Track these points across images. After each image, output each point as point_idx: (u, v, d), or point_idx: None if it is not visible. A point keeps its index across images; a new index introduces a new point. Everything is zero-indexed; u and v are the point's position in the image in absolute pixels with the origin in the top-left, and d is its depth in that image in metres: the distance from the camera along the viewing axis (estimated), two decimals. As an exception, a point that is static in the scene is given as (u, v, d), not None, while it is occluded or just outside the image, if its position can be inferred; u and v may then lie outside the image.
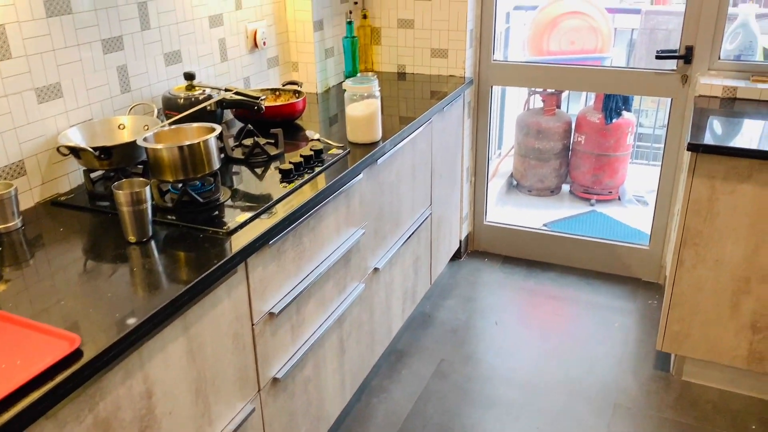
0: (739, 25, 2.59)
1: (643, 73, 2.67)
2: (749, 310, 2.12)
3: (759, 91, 2.37)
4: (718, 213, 2.05)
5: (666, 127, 2.71)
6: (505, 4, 4.09)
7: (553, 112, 3.82)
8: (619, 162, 3.75)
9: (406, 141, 2.22)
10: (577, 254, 3.05)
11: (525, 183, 3.96)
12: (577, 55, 3.76)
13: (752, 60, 2.61)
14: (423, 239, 2.55)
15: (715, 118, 2.26)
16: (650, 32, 3.77)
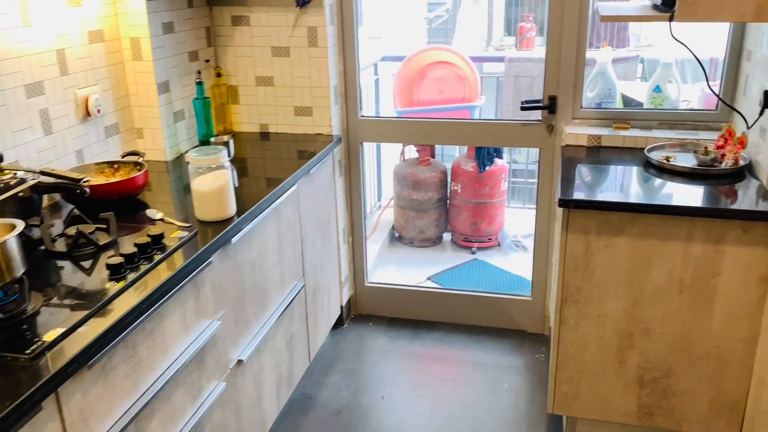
0: (598, 73, 2.63)
1: (511, 125, 2.64)
2: (634, 364, 2.06)
3: (622, 138, 2.38)
4: (596, 268, 1.99)
5: (537, 178, 2.68)
6: (370, 56, 4.03)
7: (429, 162, 3.76)
8: (495, 209, 3.73)
9: (267, 212, 2.01)
10: (462, 310, 2.94)
11: (406, 235, 3.85)
12: (446, 105, 3.74)
13: (612, 107, 2.65)
14: (297, 315, 2.33)
15: (583, 168, 2.24)
16: (515, 79, 3.83)
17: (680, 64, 2.59)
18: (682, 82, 2.68)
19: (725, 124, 2.37)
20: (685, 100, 2.63)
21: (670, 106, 2.54)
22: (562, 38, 2.42)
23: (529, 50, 10.60)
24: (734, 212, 1.84)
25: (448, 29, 8.49)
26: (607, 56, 2.60)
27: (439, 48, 3.97)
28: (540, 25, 11.15)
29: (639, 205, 1.90)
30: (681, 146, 2.29)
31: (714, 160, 2.12)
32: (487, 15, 10.35)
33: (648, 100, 2.57)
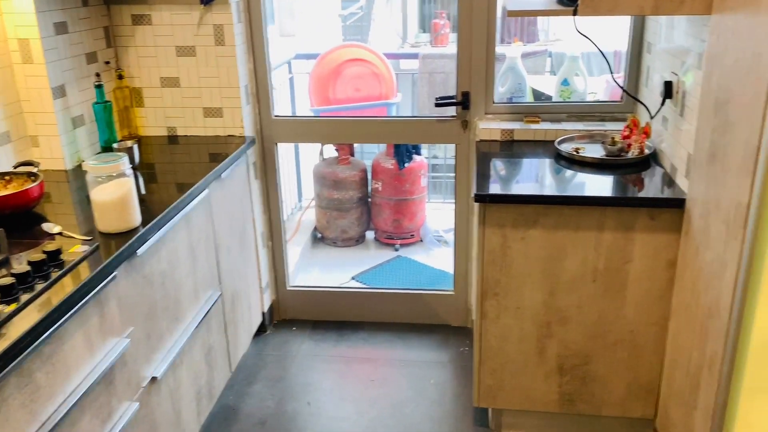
0: (508, 68, 2.66)
1: (427, 122, 2.64)
2: (554, 353, 2.10)
3: (533, 132, 2.42)
4: (513, 261, 2.01)
5: (454, 173, 2.69)
6: (283, 54, 3.95)
7: (348, 161, 3.72)
8: (416, 205, 3.74)
9: (177, 219, 1.91)
10: (387, 308, 2.92)
11: (329, 235, 3.80)
12: (363, 103, 3.71)
13: (523, 101, 2.70)
14: (215, 325, 2.24)
15: (497, 162, 2.26)
16: (430, 76, 3.85)
17: (586, 58, 2.67)
18: (589, 75, 2.76)
19: (630, 115, 2.45)
20: (592, 92, 2.71)
21: (577, 98, 2.61)
22: (472, 35, 2.44)
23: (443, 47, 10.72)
24: (641, 200, 1.90)
25: (363, 27, 8.48)
26: (516, 51, 2.64)
27: (353, 45, 3.94)
28: (454, 22, 11.30)
29: (552, 197, 1.93)
30: (590, 137, 2.35)
31: (621, 150, 2.18)
32: (401, 12, 10.41)
33: (557, 93, 2.63)
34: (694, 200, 1.79)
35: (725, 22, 1.57)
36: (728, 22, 1.55)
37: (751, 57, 1.42)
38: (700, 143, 1.75)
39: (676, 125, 1.99)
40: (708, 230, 1.67)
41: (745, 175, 1.44)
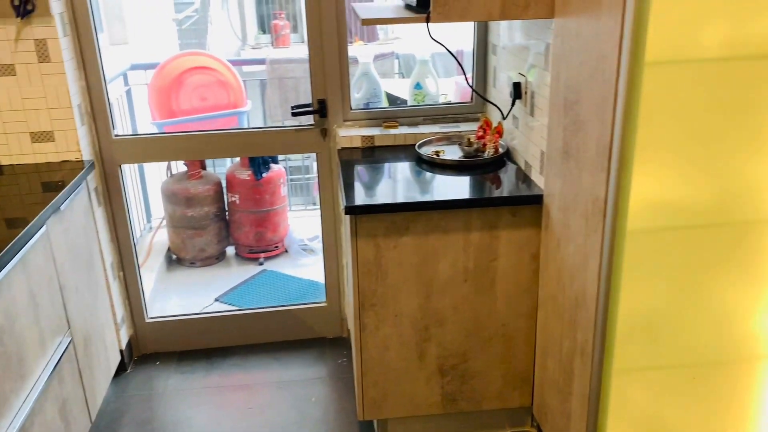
0: (362, 74, 2.65)
1: (285, 132, 2.55)
2: (434, 355, 2.11)
3: (393, 137, 2.42)
4: (388, 269, 1.99)
5: (318, 182, 2.62)
6: (117, 65, 3.65)
7: (200, 175, 3.52)
8: (278, 215, 3.62)
9: (11, 265, 1.67)
10: (257, 328, 2.80)
11: (186, 256, 3.58)
12: (212, 113, 3.53)
13: (380, 107, 2.69)
14: (68, 375, 2.00)
15: (362, 171, 2.23)
16: (279, 81, 3.74)
17: (433, 59, 2.72)
18: (439, 76, 2.81)
19: (481, 115, 2.53)
20: (443, 93, 2.76)
21: (430, 101, 2.66)
22: (323, 42, 2.38)
23: (286, 48, 10.57)
24: (503, 199, 1.96)
25: (200, 30, 8.13)
26: (369, 56, 2.63)
27: (195, 53, 3.73)
28: (294, 22, 11.23)
29: (421, 204, 1.93)
30: (447, 139, 2.39)
31: (478, 150, 2.24)
32: (239, 13, 10.13)
33: (410, 97, 2.66)
34: (551, 196, 1.87)
35: (568, 26, 1.65)
36: (571, 26, 1.63)
37: (597, 59, 1.49)
38: (553, 141, 1.83)
39: (527, 124, 2.07)
40: (568, 224, 1.76)
41: (600, 171, 1.52)
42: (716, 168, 1.47)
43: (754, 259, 1.54)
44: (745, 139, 1.45)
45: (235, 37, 9.80)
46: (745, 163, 1.47)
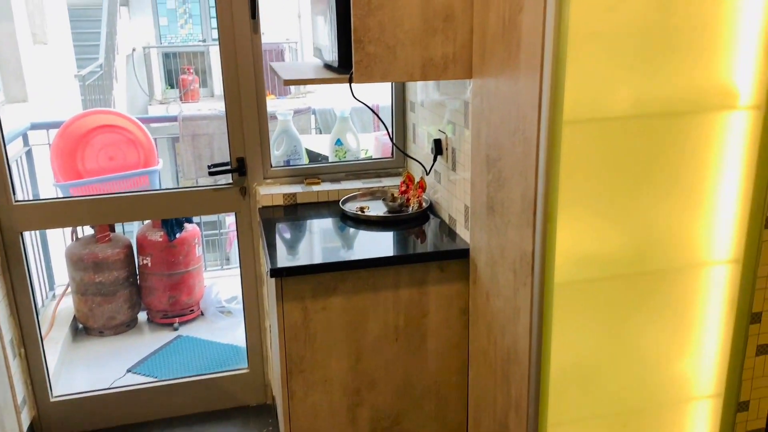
0: (282, 131, 2.62)
1: (201, 192, 2.46)
2: (366, 419, 2.05)
3: (316, 194, 2.39)
4: (316, 333, 1.92)
5: (237, 242, 2.53)
6: (15, 124, 3.45)
7: (108, 238, 3.33)
8: (193, 277, 3.48)
9: None
10: (176, 400, 2.63)
11: (94, 325, 3.35)
12: (121, 174, 3.37)
13: (301, 164, 2.66)
14: (-41, 470, 1.79)
15: (285, 230, 2.17)
16: (193, 138, 3.65)
17: (351, 114, 2.73)
18: (358, 131, 2.83)
19: (403, 169, 2.55)
20: (364, 149, 2.77)
21: (352, 156, 2.66)
22: (241, 99, 2.34)
23: (195, 102, 10.38)
24: (430, 255, 1.96)
25: (105, 85, 7.89)
26: (288, 113, 2.61)
27: (102, 111, 3.58)
28: (203, 77, 11.11)
29: (348, 263, 1.89)
30: (371, 195, 2.38)
31: (402, 206, 2.24)
32: (145, 68, 9.92)
33: (332, 153, 2.65)
34: (477, 249, 1.89)
35: (487, 86, 1.70)
36: (490, 86, 1.68)
37: (517, 118, 1.53)
38: (477, 196, 1.85)
39: (450, 179, 2.10)
40: (496, 278, 1.77)
41: (526, 226, 1.54)
42: (633, 219, 1.54)
43: (673, 305, 1.60)
44: (657, 191, 1.53)
45: (141, 93, 9.58)
46: (658, 214, 1.54)
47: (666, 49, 1.44)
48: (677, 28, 1.43)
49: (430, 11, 1.71)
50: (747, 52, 1.48)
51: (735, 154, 1.55)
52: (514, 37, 1.51)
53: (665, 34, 1.43)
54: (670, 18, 1.42)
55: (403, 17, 1.70)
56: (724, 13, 1.44)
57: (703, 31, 1.44)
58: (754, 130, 1.54)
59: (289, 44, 10.26)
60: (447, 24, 1.73)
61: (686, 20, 1.43)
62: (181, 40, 11.36)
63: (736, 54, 1.48)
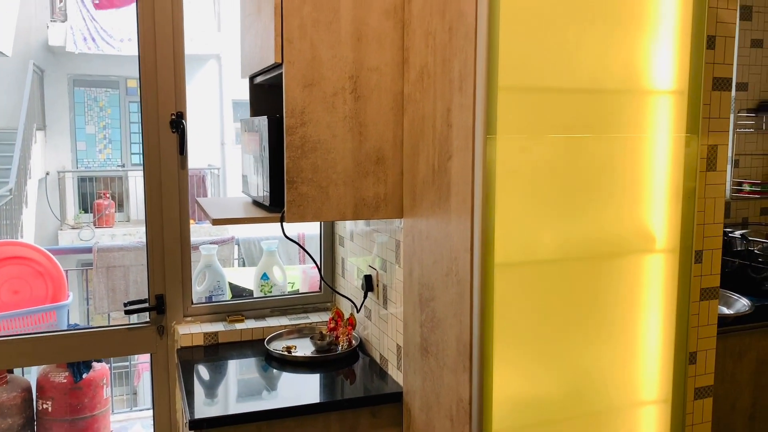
0: (204, 266, 2.53)
1: (114, 332, 2.30)
2: None
3: (239, 332, 2.28)
4: (238, 490, 1.75)
5: (151, 388, 2.35)
6: None
7: (5, 380, 3.02)
8: (99, 421, 3.17)
9: None
10: None
11: (-23, 481, 2.95)
12: (26, 308, 3.13)
13: (224, 300, 2.56)
14: None
15: (205, 374, 2.04)
16: (107, 270, 3.48)
17: (276, 245, 2.69)
18: (284, 263, 2.78)
19: (332, 304, 2.49)
20: (291, 282, 2.71)
21: (278, 291, 2.58)
22: (164, 234, 2.26)
23: (109, 227, 10.06)
24: (361, 400, 1.87)
25: (14, 210, 7.55)
26: (213, 248, 2.54)
27: (8, 243, 3.38)
28: (119, 201, 10.86)
29: (273, 412, 1.77)
30: (298, 332, 2.30)
31: (331, 344, 2.17)
32: (58, 192, 9.63)
33: (257, 288, 2.57)
34: (411, 393, 1.82)
35: (418, 227, 1.71)
36: (421, 227, 1.69)
37: (450, 259, 1.54)
38: (410, 337, 1.81)
39: (381, 316, 2.06)
40: (432, 425, 1.69)
41: (462, 371, 1.51)
42: (567, 361, 1.53)
43: (612, 449, 1.57)
44: (588, 332, 1.54)
45: (52, 217, 9.22)
46: (591, 355, 1.55)
47: (583, 191, 1.51)
48: (589, 171, 1.51)
49: (362, 154, 1.75)
50: (658, 197, 1.58)
51: (656, 294, 1.60)
52: (444, 182, 1.55)
53: (580, 176, 1.50)
54: (580, 161, 1.50)
55: (336, 160, 1.73)
56: (631, 157, 1.54)
57: (613, 175, 1.53)
58: (671, 271, 1.61)
59: (211, 170, 10.30)
60: (378, 167, 1.77)
61: (594, 163, 1.52)
62: (99, 164, 11.21)
63: (649, 198, 1.57)
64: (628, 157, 1.54)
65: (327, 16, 1.69)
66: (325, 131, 1.71)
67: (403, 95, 1.77)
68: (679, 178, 1.58)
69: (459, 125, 1.47)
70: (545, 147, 1.46)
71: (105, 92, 11.31)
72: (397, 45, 1.74)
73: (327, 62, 1.70)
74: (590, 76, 1.49)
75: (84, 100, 11.15)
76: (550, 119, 1.47)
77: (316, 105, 1.70)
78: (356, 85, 1.73)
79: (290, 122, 1.69)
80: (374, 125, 1.75)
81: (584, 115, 1.50)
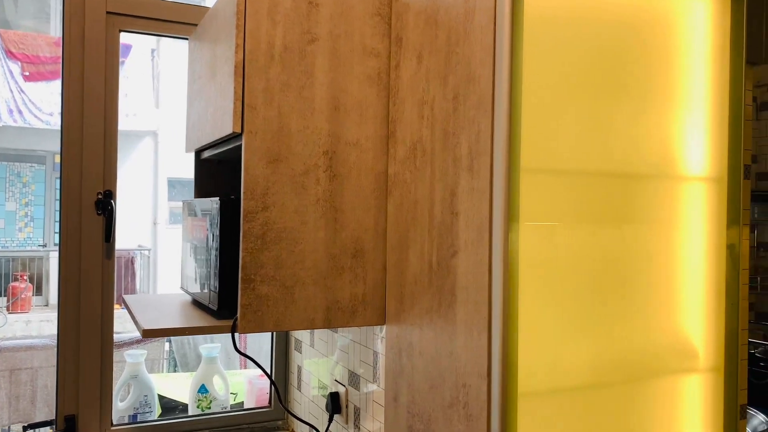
0: (130, 377, 2.08)
1: (6, 465, 1.81)
2: None
3: (169, 463, 1.83)
4: None
5: None
6: None
7: None
8: None
9: None
10: None
11: None
12: None
13: (151, 420, 2.10)
14: None
15: None
16: (11, 374, 2.93)
17: (218, 350, 2.27)
18: (225, 367, 2.35)
19: (283, 422, 2.08)
20: (233, 392, 2.28)
21: (218, 406, 2.15)
22: (80, 338, 1.83)
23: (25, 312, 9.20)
24: None
25: None
26: (141, 355, 2.10)
27: None
28: (38, 284, 10.02)
29: None
30: (243, 462, 1.87)
31: (285, 478, 1.75)
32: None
33: (193, 402, 2.12)
34: None
35: (407, 337, 1.37)
36: (412, 338, 1.35)
37: (455, 386, 1.20)
38: (394, 477, 1.43)
39: (350, 444, 1.67)
40: None
41: None
42: None
43: None
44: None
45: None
46: None
47: (615, 293, 1.22)
48: (622, 267, 1.24)
49: (336, 246, 1.42)
50: (698, 307, 1.31)
51: (695, 420, 1.31)
52: (447, 284, 1.23)
53: (611, 274, 1.22)
54: (612, 254, 1.23)
55: (305, 252, 1.39)
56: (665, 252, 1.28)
57: (649, 282, 1.26)
58: (714, 392, 1.33)
59: (141, 251, 9.68)
60: (356, 261, 1.44)
61: (628, 258, 1.25)
62: (18, 244, 10.42)
63: (689, 310, 1.30)
64: (662, 251, 1.27)
65: (299, 80, 1.39)
66: (293, 217, 1.38)
67: (387, 175, 1.47)
68: (722, 278, 1.32)
69: (469, 213, 1.17)
70: (574, 240, 1.18)
71: (30, 167, 10.68)
72: (381, 116, 1.46)
73: (297, 134, 1.39)
74: (622, 158, 1.24)
75: (6, 174, 10.48)
76: (578, 207, 1.19)
77: (283, 185, 1.38)
78: (332, 162, 1.42)
79: (250, 205, 1.35)
80: (352, 211, 1.44)
81: (616, 203, 1.23)
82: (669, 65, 1.27)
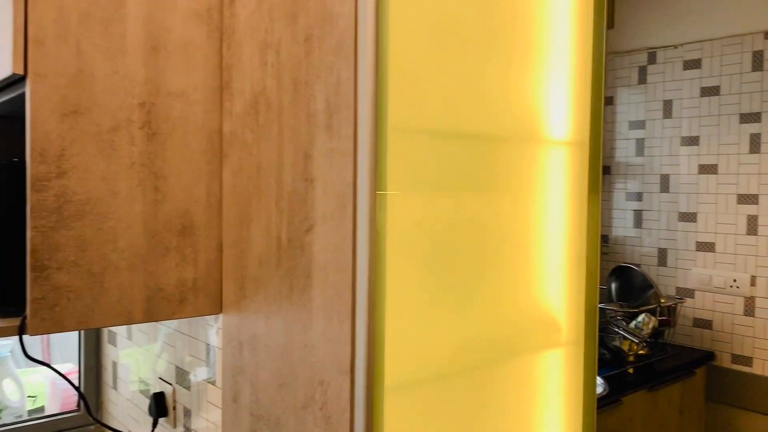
0: None
1: None
2: None
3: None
4: None
5: None
6: None
7: None
8: None
9: None
10: None
11: None
12: None
13: None
14: None
15: None
16: None
17: (9, 349, 1.87)
18: (19, 366, 1.95)
19: (96, 427, 1.76)
20: (32, 396, 1.90)
21: (13, 416, 1.77)
22: None
23: None
24: None
25: None
26: None
27: None
28: None
29: None
30: (44, 484, 1.54)
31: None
32: None
33: (-24, 414, 1.72)
34: None
35: (250, 328, 1.16)
36: (256, 329, 1.14)
37: (310, 383, 1.02)
38: (234, 489, 1.22)
39: (180, 451, 1.43)
40: None
41: None
42: None
43: None
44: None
45: None
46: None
47: (479, 269, 1.12)
48: (487, 240, 1.13)
49: (159, 222, 1.15)
50: (560, 278, 1.25)
51: (557, 389, 1.26)
52: (301, 264, 1.03)
53: (478, 248, 1.11)
54: (478, 226, 1.12)
55: (118, 230, 1.11)
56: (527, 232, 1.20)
57: (512, 254, 1.17)
58: (575, 364, 1.29)
59: None
60: (184, 239, 1.19)
61: (493, 229, 1.15)
62: None
63: (547, 274, 1.23)
64: (526, 220, 1.18)
65: (105, 11, 1.09)
66: (100, 186, 1.09)
67: (222, 134, 1.22)
68: (582, 248, 1.27)
69: (327, 179, 0.97)
70: (443, 211, 1.04)
71: None
72: (213, 62, 1.20)
73: (103, 80, 1.09)
74: (492, 119, 1.11)
75: None
76: (445, 173, 1.05)
77: (85, 144, 1.08)
78: (150, 116, 1.14)
79: (39, 171, 1.04)
80: (178, 177, 1.18)
81: (484, 168, 1.11)
82: (533, 23, 1.17)
